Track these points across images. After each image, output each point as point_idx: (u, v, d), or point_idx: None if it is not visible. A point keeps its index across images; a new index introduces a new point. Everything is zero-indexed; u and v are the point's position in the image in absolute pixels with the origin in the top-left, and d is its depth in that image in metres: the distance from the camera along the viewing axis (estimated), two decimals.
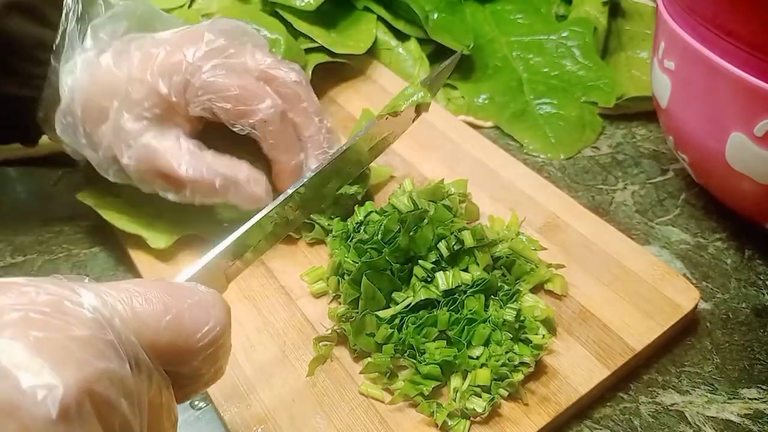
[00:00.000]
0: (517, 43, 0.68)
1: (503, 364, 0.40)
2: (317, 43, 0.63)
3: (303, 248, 0.50)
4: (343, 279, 0.44)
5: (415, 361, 0.41)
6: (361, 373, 0.42)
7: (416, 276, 0.44)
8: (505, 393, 0.40)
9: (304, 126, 0.49)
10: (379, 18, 0.68)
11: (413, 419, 0.40)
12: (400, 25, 0.67)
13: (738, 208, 0.50)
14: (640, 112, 0.63)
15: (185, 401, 0.30)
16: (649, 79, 0.54)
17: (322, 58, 0.63)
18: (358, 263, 0.43)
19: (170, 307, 0.27)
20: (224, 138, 0.48)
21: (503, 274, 0.45)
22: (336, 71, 0.65)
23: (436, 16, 0.68)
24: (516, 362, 0.40)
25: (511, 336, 0.41)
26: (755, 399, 0.42)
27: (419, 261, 0.44)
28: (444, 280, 0.43)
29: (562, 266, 0.46)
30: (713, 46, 0.42)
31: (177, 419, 0.28)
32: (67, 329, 0.22)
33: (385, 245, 0.44)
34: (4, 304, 0.22)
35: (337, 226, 0.48)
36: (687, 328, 0.45)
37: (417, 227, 0.44)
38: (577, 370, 0.41)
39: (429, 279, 0.43)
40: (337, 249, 0.46)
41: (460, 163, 0.55)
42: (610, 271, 0.46)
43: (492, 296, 0.43)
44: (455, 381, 0.40)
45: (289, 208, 0.40)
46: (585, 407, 0.41)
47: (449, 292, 0.43)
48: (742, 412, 0.41)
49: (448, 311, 0.42)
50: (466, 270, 0.44)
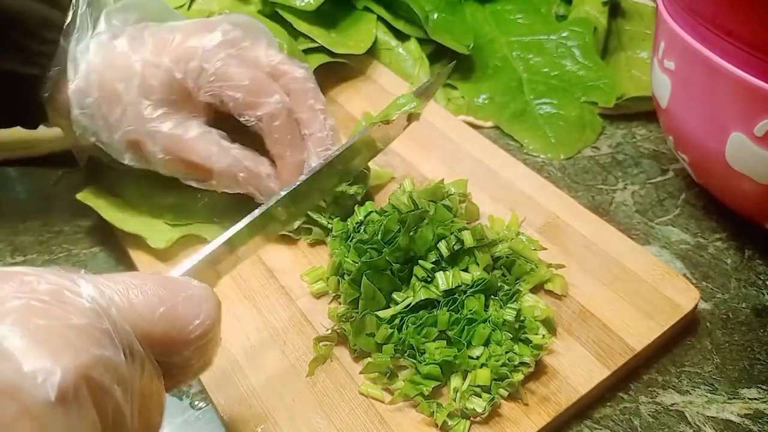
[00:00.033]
0: (517, 43, 0.68)
1: (503, 364, 0.40)
2: (317, 43, 0.63)
3: (303, 248, 0.50)
4: (343, 279, 0.44)
5: (415, 361, 0.41)
6: (361, 373, 0.42)
7: (416, 276, 0.44)
8: (505, 393, 0.40)
9: (309, 123, 0.49)
10: (379, 18, 0.68)
11: (413, 419, 0.40)
12: (400, 25, 0.67)
13: (738, 208, 0.50)
14: (640, 112, 0.63)
15: (173, 390, 0.31)
16: (649, 79, 0.54)
17: (322, 58, 0.63)
18: (358, 263, 0.43)
19: (164, 299, 0.28)
20: (231, 132, 0.49)
21: (503, 274, 0.45)
22: (336, 71, 0.64)
23: (436, 16, 0.68)
24: (516, 362, 0.40)
25: (511, 336, 0.41)
26: (755, 399, 0.42)
27: (419, 261, 0.44)
28: (444, 280, 0.43)
29: (562, 266, 0.46)
30: (713, 46, 0.42)
31: (165, 407, 0.29)
32: (66, 317, 0.23)
33: (385, 245, 0.44)
34: (6, 292, 0.23)
35: (337, 226, 0.48)
36: (687, 328, 0.45)
37: (417, 227, 0.44)
38: (577, 370, 0.41)
39: (429, 279, 0.43)
40: (337, 249, 0.46)
41: (460, 163, 0.56)
42: (610, 271, 0.46)
43: (492, 296, 0.43)
44: (455, 381, 0.40)
45: (280, 210, 0.41)
46: (585, 407, 0.41)
47: (449, 292, 0.43)
48: (742, 412, 0.41)
49: (448, 311, 0.42)
50: (466, 270, 0.44)
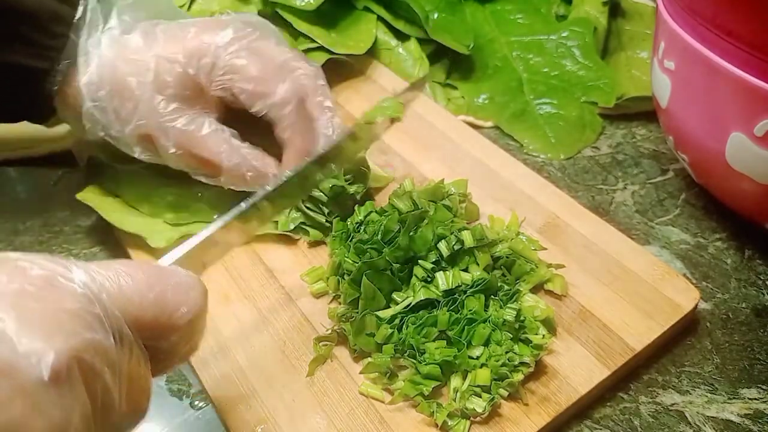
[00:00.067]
0: (517, 43, 0.68)
1: (503, 364, 0.40)
2: (317, 43, 0.63)
3: (303, 248, 0.50)
4: (343, 279, 0.44)
5: (415, 361, 0.41)
6: (361, 373, 0.42)
7: (416, 276, 0.44)
8: (505, 393, 0.40)
9: (316, 118, 0.50)
10: (379, 18, 0.68)
11: (413, 419, 0.40)
12: (400, 25, 0.67)
13: (738, 208, 0.50)
14: (640, 112, 0.63)
15: (160, 375, 0.32)
16: (649, 79, 0.54)
17: (322, 56, 0.63)
18: (358, 263, 0.43)
19: (153, 286, 0.29)
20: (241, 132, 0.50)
21: (503, 274, 0.45)
22: (336, 71, 0.64)
23: (436, 16, 0.68)
24: (516, 362, 0.40)
25: (511, 336, 0.41)
26: (755, 399, 0.42)
27: (419, 261, 0.44)
28: (444, 280, 0.43)
29: (562, 266, 0.46)
30: (713, 46, 0.42)
31: (151, 391, 0.30)
32: (59, 302, 0.24)
33: (385, 245, 0.44)
34: (1, 277, 0.24)
35: (337, 226, 0.48)
36: (687, 328, 0.45)
37: (417, 227, 0.44)
38: (577, 370, 0.41)
39: (429, 279, 0.43)
40: (337, 249, 0.46)
41: (460, 163, 0.55)
42: (610, 271, 0.46)
43: (492, 296, 0.43)
44: (455, 381, 0.40)
45: (265, 204, 0.42)
46: (585, 407, 0.41)
47: (449, 292, 0.43)
48: (742, 412, 0.41)
49: (448, 311, 0.42)
50: (466, 270, 0.44)
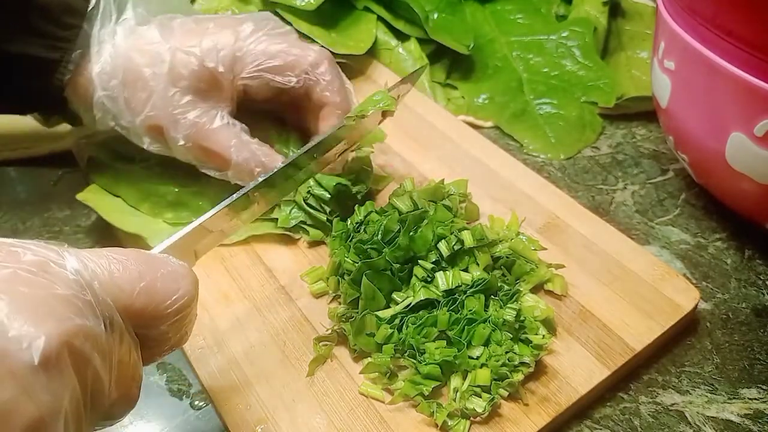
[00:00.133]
0: (517, 43, 0.68)
1: (503, 364, 0.40)
2: (317, 43, 0.63)
3: (303, 248, 0.50)
4: (343, 279, 0.44)
5: (415, 361, 0.41)
6: (361, 373, 0.42)
7: (416, 276, 0.44)
8: (505, 393, 0.40)
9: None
10: (379, 18, 0.68)
11: (413, 419, 0.40)
12: (400, 25, 0.67)
13: (738, 208, 0.50)
14: (640, 112, 0.63)
15: (151, 363, 0.32)
16: (649, 79, 0.54)
17: None
18: (358, 263, 0.43)
19: (144, 274, 0.29)
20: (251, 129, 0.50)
21: (503, 274, 0.45)
22: None
23: (436, 16, 0.68)
24: (516, 362, 0.40)
25: (511, 336, 0.41)
26: (755, 399, 0.42)
27: (419, 261, 0.44)
28: (444, 280, 0.43)
29: (562, 266, 0.46)
30: (713, 46, 0.42)
31: (142, 378, 0.30)
32: (51, 287, 0.24)
33: (385, 245, 0.44)
34: None
35: (337, 226, 0.48)
36: (687, 328, 0.45)
37: (417, 227, 0.44)
38: (577, 370, 0.41)
39: (429, 279, 0.43)
40: (337, 249, 0.46)
41: (460, 163, 0.55)
42: (610, 271, 0.46)
43: (492, 296, 0.43)
44: (455, 381, 0.40)
45: (256, 195, 0.42)
46: (585, 407, 0.41)
47: (449, 292, 0.43)
48: (742, 412, 0.41)
49: (448, 311, 0.42)
50: (466, 270, 0.44)
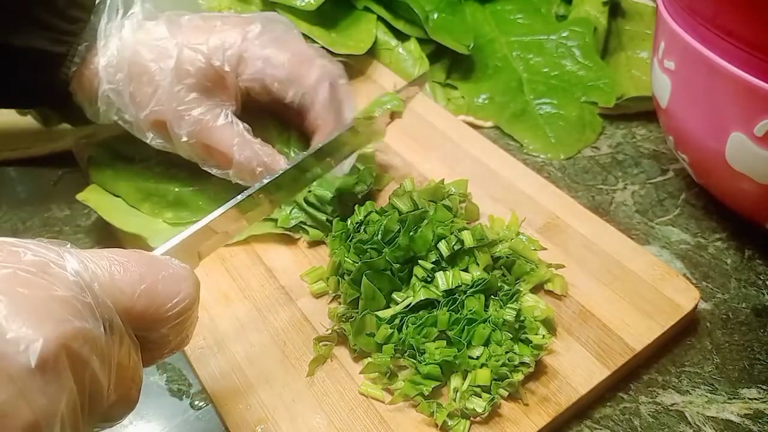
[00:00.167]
0: (517, 43, 0.68)
1: (503, 364, 0.40)
2: (318, 43, 0.63)
3: (303, 248, 0.50)
4: (343, 279, 0.44)
5: (415, 361, 0.41)
6: (361, 373, 0.42)
7: (416, 276, 0.44)
8: (505, 393, 0.40)
9: (344, 101, 0.52)
10: (379, 18, 0.68)
11: (413, 419, 0.40)
12: (400, 25, 0.67)
13: (738, 208, 0.50)
14: (640, 112, 0.63)
15: (151, 365, 0.32)
16: (649, 79, 0.54)
17: None
18: (358, 263, 0.43)
19: (145, 277, 0.29)
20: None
21: (503, 274, 0.45)
22: None
23: (436, 16, 0.68)
24: (516, 362, 0.40)
25: (511, 336, 0.41)
26: (755, 399, 0.42)
27: (419, 261, 0.44)
28: (444, 280, 0.43)
29: (562, 266, 0.46)
30: (713, 46, 0.42)
31: (142, 380, 0.30)
32: (50, 289, 0.24)
33: (385, 245, 0.44)
34: None
35: (337, 226, 0.48)
36: (687, 328, 0.45)
37: (417, 227, 0.44)
38: (577, 370, 0.41)
39: (429, 279, 0.43)
40: (337, 249, 0.46)
41: (460, 163, 0.55)
42: (610, 271, 0.46)
43: (492, 296, 0.43)
44: (455, 381, 0.40)
45: (261, 196, 0.42)
46: (585, 407, 0.41)
47: (449, 292, 0.43)
48: (742, 412, 0.41)
49: (448, 311, 0.42)
50: (466, 270, 0.44)
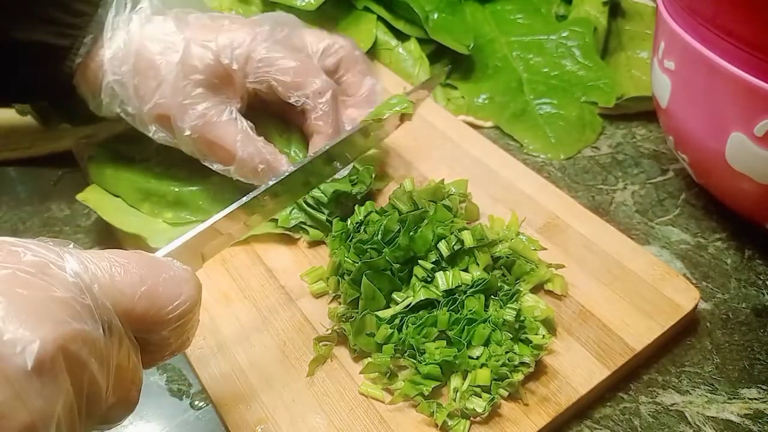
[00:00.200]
0: (517, 43, 0.68)
1: (503, 364, 0.40)
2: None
3: (303, 248, 0.50)
4: (343, 279, 0.44)
5: (415, 361, 0.41)
6: (361, 373, 0.42)
7: (416, 276, 0.44)
8: (505, 393, 0.40)
9: (356, 87, 0.52)
10: (379, 18, 0.68)
11: (413, 419, 0.40)
12: (400, 25, 0.67)
13: (738, 208, 0.50)
14: (640, 112, 0.63)
15: (151, 367, 0.32)
16: (649, 79, 0.54)
17: None
18: (358, 263, 0.43)
19: (146, 279, 0.28)
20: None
21: (503, 274, 0.45)
22: None
23: (436, 16, 0.68)
24: (516, 362, 0.40)
25: (511, 336, 0.41)
26: (755, 399, 0.42)
27: (419, 261, 0.44)
28: (444, 280, 0.43)
29: (562, 266, 0.46)
30: (713, 46, 0.42)
31: (142, 382, 0.29)
32: (49, 290, 0.24)
33: (385, 245, 0.44)
34: None
35: (337, 226, 0.48)
36: (687, 328, 0.45)
37: (417, 227, 0.44)
38: (577, 370, 0.41)
39: (429, 279, 0.43)
40: (337, 249, 0.46)
41: (460, 163, 0.55)
42: (610, 271, 0.46)
43: (492, 296, 0.43)
44: (455, 381, 0.40)
45: (267, 198, 0.42)
46: (585, 407, 0.41)
47: (449, 292, 0.43)
48: (742, 412, 0.41)
49: (448, 311, 0.42)
50: (466, 270, 0.44)
